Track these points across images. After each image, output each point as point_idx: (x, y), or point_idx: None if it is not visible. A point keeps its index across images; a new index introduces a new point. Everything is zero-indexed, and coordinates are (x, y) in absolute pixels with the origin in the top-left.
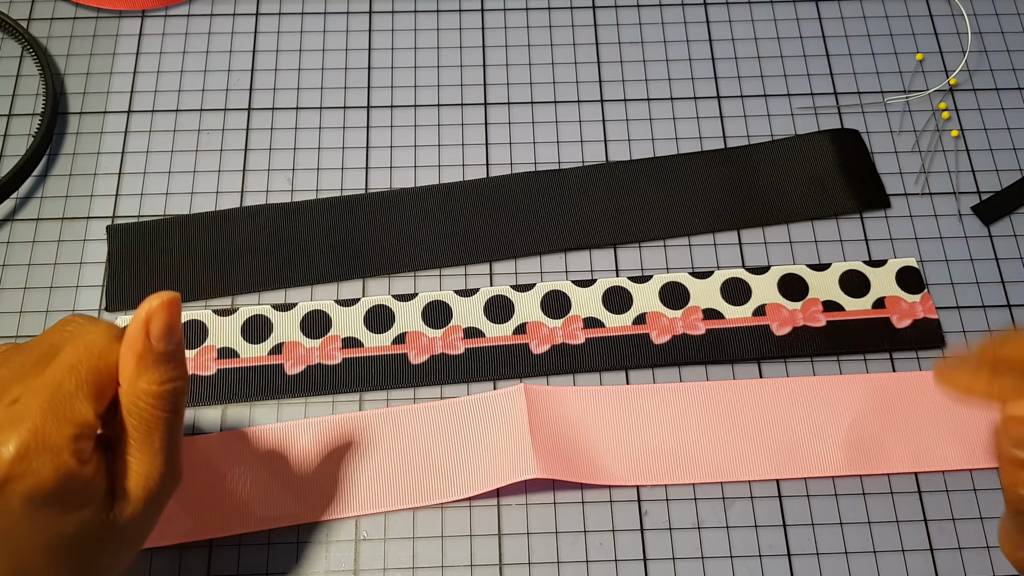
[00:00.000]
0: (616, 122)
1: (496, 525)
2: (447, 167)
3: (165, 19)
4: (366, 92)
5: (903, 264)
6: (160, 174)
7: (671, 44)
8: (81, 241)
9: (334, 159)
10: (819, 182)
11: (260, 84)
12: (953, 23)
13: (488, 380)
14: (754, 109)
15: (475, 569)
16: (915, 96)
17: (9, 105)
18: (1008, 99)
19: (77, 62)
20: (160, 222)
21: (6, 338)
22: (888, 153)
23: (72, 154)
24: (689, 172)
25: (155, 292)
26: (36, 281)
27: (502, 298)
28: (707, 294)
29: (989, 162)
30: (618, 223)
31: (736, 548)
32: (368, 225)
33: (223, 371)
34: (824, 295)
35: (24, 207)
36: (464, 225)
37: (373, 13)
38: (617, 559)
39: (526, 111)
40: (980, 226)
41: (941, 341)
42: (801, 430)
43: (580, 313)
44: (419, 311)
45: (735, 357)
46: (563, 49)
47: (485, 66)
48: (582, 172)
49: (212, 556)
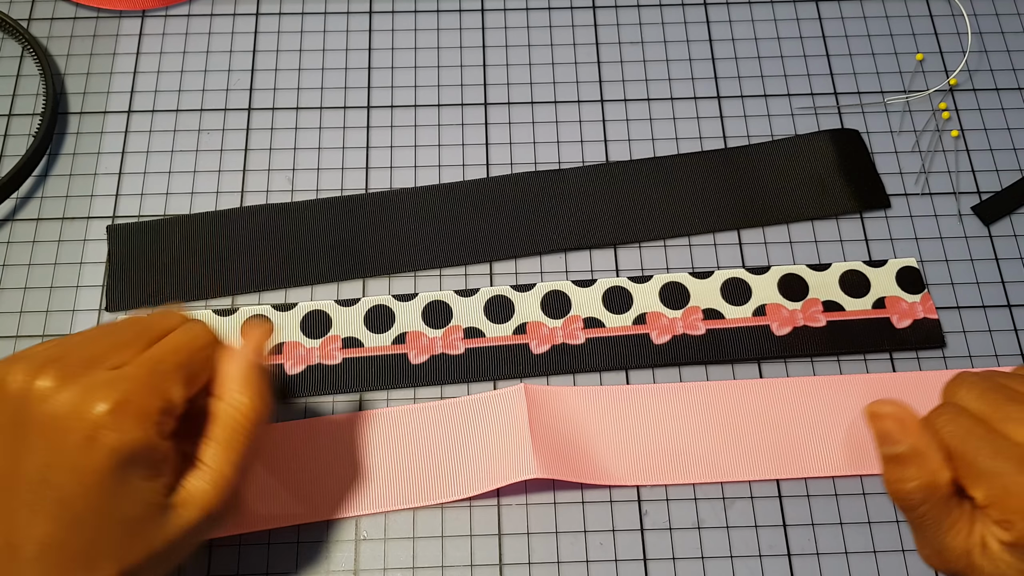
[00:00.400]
0: (616, 122)
1: (496, 525)
2: (447, 167)
3: (165, 19)
4: (366, 92)
5: (903, 264)
6: (160, 174)
7: (671, 44)
8: (81, 241)
9: (334, 159)
10: (819, 182)
11: (260, 84)
12: (953, 23)
13: (488, 380)
14: (754, 109)
15: (475, 569)
16: (915, 96)
17: (9, 105)
18: (1008, 99)
19: (77, 62)
20: (160, 222)
21: (6, 338)
22: (888, 153)
23: (72, 154)
24: (689, 172)
25: (155, 292)
26: (36, 281)
27: (502, 298)
28: (707, 294)
29: (989, 162)
30: (618, 223)
31: (736, 548)
32: (368, 225)
33: None
34: (824, 295)
35: (24, 207)
36: (464, 225)
37: (373, 13)
38: (617, 559)
39: (526, 111)
40: (980, 226)
41: (941, 341)
42: (801, 430)
43: (580, 313)
44: (419, 311)
45: (735, 357)
46: (563, 49)
47: (485, 66)
48: (582, 172)
49: (212, 556)
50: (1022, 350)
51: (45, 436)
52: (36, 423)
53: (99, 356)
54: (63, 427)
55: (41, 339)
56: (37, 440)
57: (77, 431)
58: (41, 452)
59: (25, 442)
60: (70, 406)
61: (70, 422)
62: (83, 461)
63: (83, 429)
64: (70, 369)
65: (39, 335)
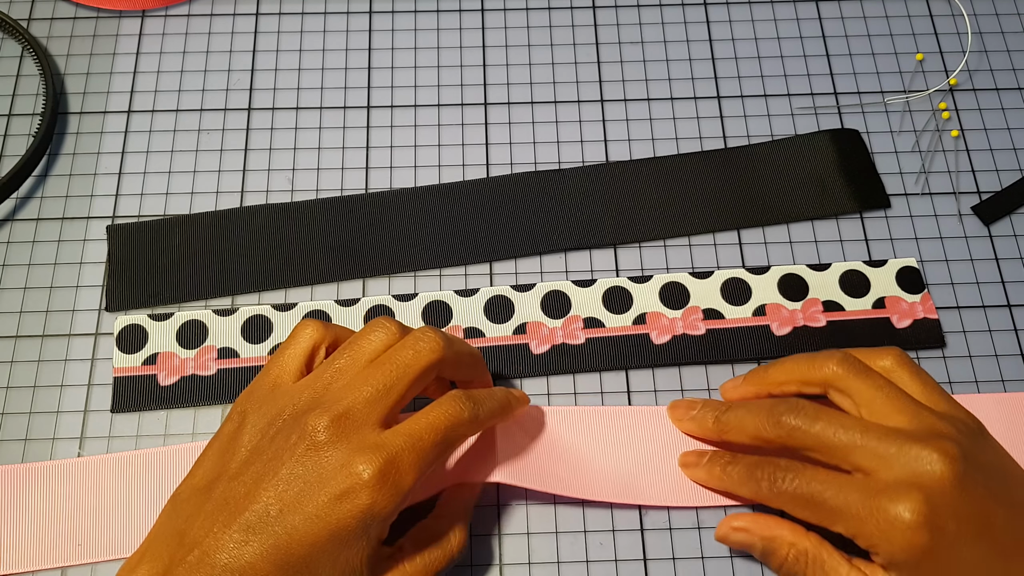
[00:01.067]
0: (616, 122)
1: (496, 525)
2: (447, 167)
3: (165, 19)
4: (366, 92)
5: (903, 264)
6: (160, 174)
7: (671, 44)
8: (81, 241)
9: (334, 159)
10: (819, 182)
11: (260, 84)
12: (953, 23)
13: None
14: (754, 109)
15: (475, 569)
16: (915, 96)
17: (9, 105)
18: (1008, 99)
19: (77, 62)
20: (160, 222)
21: (6, 338)
22: (888, 153)
23: (72, 154)
24: (689, 172)
25: (155, 292)
26: (36, 281)
27: (502, 298)
28: (707, 294)
29: (989, 162)
30: (618, 223)
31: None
32: (368, 225)
33: (223, 371)
34: (824, 295)
35: (24, 207)
36: (464, 225)
37: (373, 13)
38: (617, 559)
39: (526, 111)
40: (980, 226)
41: (941, 341)
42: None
43: (580, 313)
44: (419, 311)
45: (735, 357)
46: (563, 49)
47: (485, 66)
48: (582, 172)
49: None
50: (1022, 350)
51: (303, 476)
52: (297, 456)
53: (370, 404)
54: (323, 477)
55: (41, 339)
56: (291, 470)
57: (335, 485)
58: (285, 485)
59: (279, 463)
60: (337, 463)
61: (332, 474)
62: (327, 513)
63: (341, 485)
64: (348, 420)
65: (39, 335)
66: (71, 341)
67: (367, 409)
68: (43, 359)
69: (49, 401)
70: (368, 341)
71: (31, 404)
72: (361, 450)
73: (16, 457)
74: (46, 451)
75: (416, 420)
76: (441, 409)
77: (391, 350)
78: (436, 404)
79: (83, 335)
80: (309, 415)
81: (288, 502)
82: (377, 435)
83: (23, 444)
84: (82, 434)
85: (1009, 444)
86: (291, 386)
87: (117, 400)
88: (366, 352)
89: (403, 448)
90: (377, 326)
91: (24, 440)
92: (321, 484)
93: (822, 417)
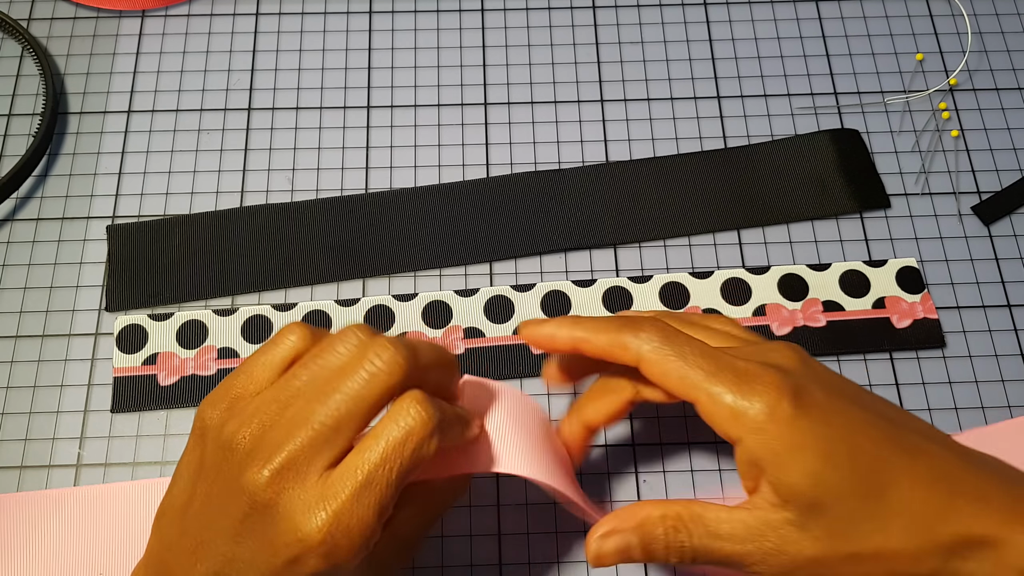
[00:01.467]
0: (616, 122)
1: (496, 525)
2: (447, 167)
3: (165, 19)
4: (366, 92)
5: (903, 264)
6: (160, 174)
7: (671, 44)
8: (81, 241)
9: (334, 159)
10: (819, 182)
11: (260, 84)
12: (953, 23)
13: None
14: (754, 109)
15: (475, 569)
16: (915, 96)
17: (9, 105)
18: (1008, 99)
19: (77, 62)
20: (160, 222)
21: (6, 338)
22: (888, 153)
23: (72, 154)
24: (689, 172)
25: (155, 292)
26: (36, 281)
27: (502, 298)
28: (707, 294)
29: (989, 162)
30: (618, 223)
31: None
32: (368, 225)
33: (223, 371)
34: (824, 295)
35: (24, 207)
36: (464, 225)
37: (373, 13)
38: None
39: (526, 111)
40: (980, 226)
41: (941, 341)
42: None
43: (581, 313)
44: (419, 311)
45: None
46: (563, 49)
47: (485, 66)
48: (582, 172)
49: None
50: (1022, 350)
51: (250, 547)
52: (241, 519)
53: (315, 448)
54: (271, 542)
55: (41, 339)
56: (236, 542)
57: (284, 552)
58: (238, 537)
59: (226, 501)
60: (282, 527)
61: (279, 538)
62: (281, 570)
63: (290, 552)
64: (289, 472)
65: (39, 335)
66: (71, 341)
67: (311, 454)
68: (43, 359)
69: (49, 401)
70: (336, 355)
71: (31, 404)
72: (306, 508)
73: (16, 457)
74: (46, 451)
75: (369, 449)
76: (397, 427)
77: (344, 375)
78: (389, 418)
79: (83, 335)
80: (249, 469)
81: (242, 566)
82: (323, 484)
83: (23, 444)
84: (82, 434)
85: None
86: (248, 403)
87: (117, 400)
88: (328, 369)
89: (354, 492)
90: (343, 338)
91: (24, 440)
92: (273, 552)
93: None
